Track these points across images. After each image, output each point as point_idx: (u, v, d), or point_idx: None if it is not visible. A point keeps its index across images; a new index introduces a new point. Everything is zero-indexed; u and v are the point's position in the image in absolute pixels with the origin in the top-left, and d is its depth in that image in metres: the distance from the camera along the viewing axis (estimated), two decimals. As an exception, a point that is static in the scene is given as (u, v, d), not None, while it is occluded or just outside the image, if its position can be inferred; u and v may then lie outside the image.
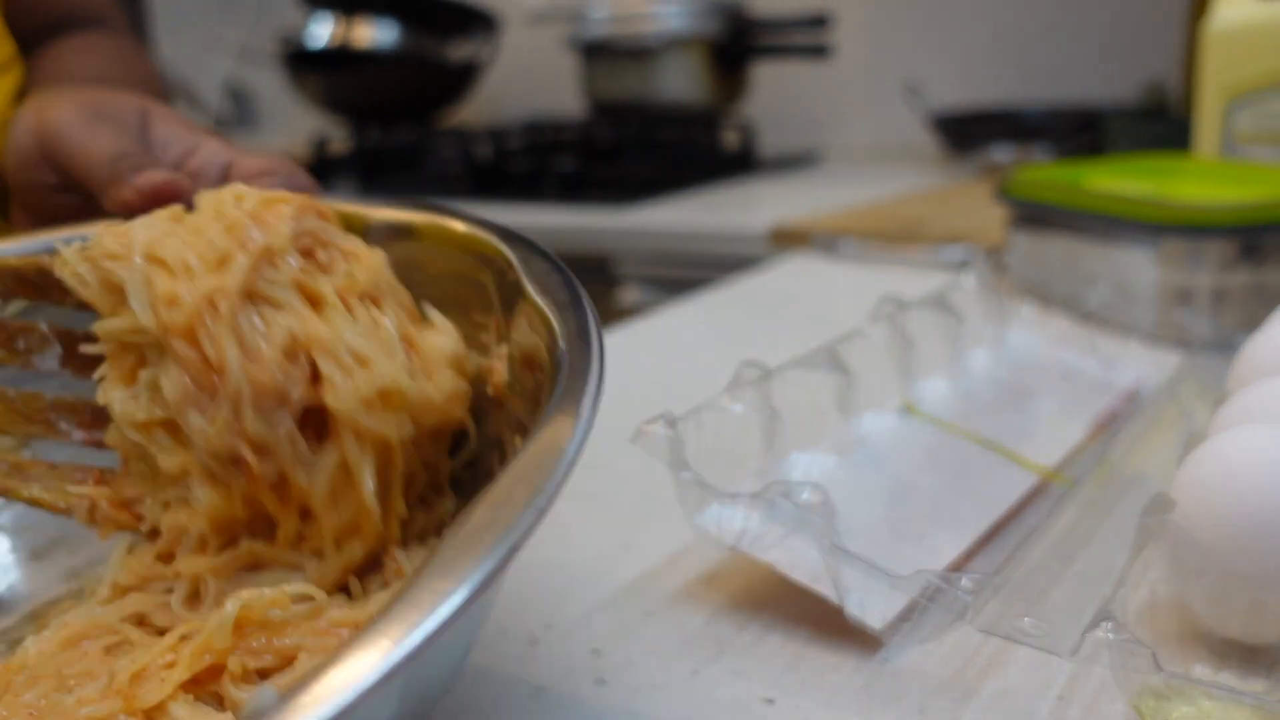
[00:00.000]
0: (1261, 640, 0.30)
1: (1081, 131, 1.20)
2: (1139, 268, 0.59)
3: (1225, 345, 0.54)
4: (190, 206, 0.33)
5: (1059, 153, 1.20)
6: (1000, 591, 0.34)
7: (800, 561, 0.33)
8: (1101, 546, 0.37)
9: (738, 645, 0.32)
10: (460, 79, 1.63)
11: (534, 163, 1.30)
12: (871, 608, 0.32)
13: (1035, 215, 0.67)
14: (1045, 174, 0.69)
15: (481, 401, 0.31)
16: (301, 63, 1.58)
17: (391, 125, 1.55)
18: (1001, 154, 1.24)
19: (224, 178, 0.40)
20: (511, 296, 0.29)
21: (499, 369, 0.30)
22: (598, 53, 1.43)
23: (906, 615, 0.32)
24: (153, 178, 0.36)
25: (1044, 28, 1.40)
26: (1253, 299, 0.57)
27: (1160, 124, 1.09)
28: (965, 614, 0.31)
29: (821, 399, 0.42)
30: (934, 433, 0.44)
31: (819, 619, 0.33)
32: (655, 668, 0.31)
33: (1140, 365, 0.52)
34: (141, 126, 0.41)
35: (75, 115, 0.40)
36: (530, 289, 0.28)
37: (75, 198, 0.42)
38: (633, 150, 1.36)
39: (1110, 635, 0.26)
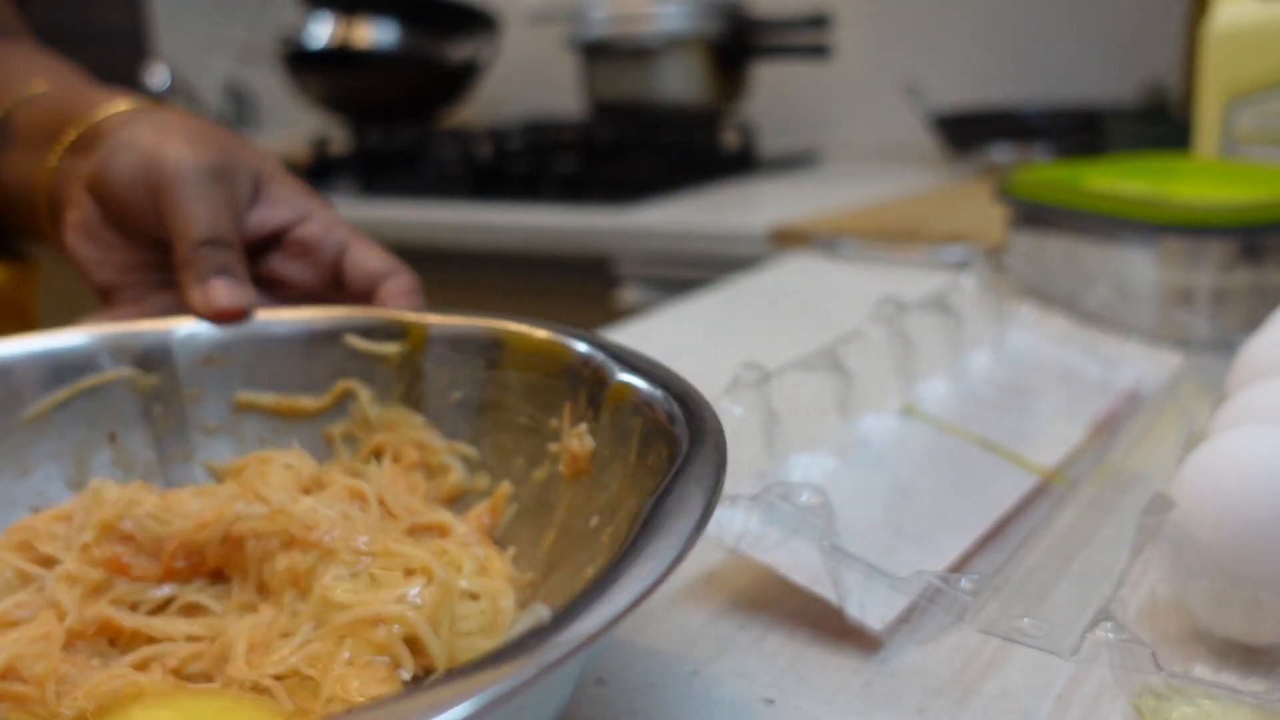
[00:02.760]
0: (1261, 640, 0.30)
1: (1081, 131, 1.20)
2: (1139, 268, 0.59)
3: (1225, 345, 0.54)
4: (246, 315, 0.37)
5: (1059, 153, 1.20)
6: (1000, 592, 0.34)
7: (800, 563, 0.33)
8: (1101, 546, 0.37)
9: (738, 645, 0.32)
10: (460, 79, 1.63)
11: (534, 163, 1.30)
12: (872, 609, 0.32)
13: (1035, 215, 0.67)
14: (1045, 174, 0.69)
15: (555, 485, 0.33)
16: (301, 63, 1.57)
17: (391, 125, 1.55)
18: (1001, 154, 1.24)
19: (338, 258, 0.41)
20: (598, 380, 0.32)
21: (574, 445, 0.32)
22: (598, 53, 1.43)
23: (907, 616, 0.32)
24: (221, 298, 0.37)
25: (1044, 28, 1.40)
26: (1253, 299, 0.57)
27: (1160, 124, 1.09)
28: (965, 614, 0.31)
29: (821, 401, 0.42)
30: (934, 434, 0.44)
31: (819, 619, 0.33)
32: (655, 668, 0.31)
33: (1140, 365, 0.52)
34: (255, 188, 0.41)
35: (193, 164, 0.39)
36: (620, 370, 0.31)
37: (146, 254, 0.41)
38: (633, 150, 1.36)
39: (1110, 635, 0.26)
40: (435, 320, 0.37)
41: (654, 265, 1.06)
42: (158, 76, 1.85)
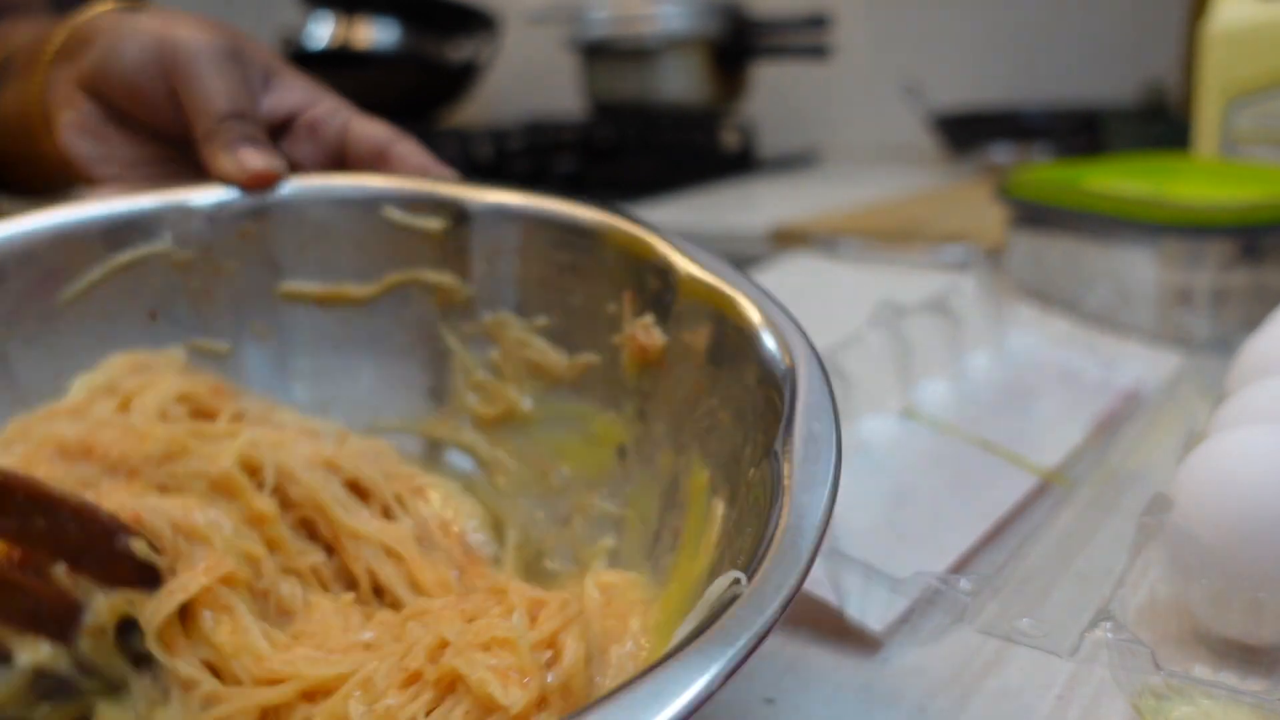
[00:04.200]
0: (1260, 640, 0.30)
1: (1081, 131, 1.20)
2: (1139, 268, 0.59)
3: (1225, 345, 0.54)
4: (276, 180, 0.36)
5: (1059, 153, 1.20)
6: (1000, 592, 0.34)
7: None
8: (1101, 546, 0.37)
9: (738, 645, 0.32)
10: (460, 79, 1.63)
11: (534, 163, 1.30)
12: (871, 610, 0.32)
13: (1035, 215, 0.67)
14: (1045, 174, 0.69)
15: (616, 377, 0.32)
16: (301, 63, 1.57)
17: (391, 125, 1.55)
18: (1001, 154, 1.24)
19: (341, 135, 0.41)
20: (663, 270, 0.31)
21: (640, 336, 0.31)
22: (598, 53, 1.43)
23: (907, 617, 0.32)
24: (255, 161, 0.37)
25: (1044, 28, 1.40)
26: (1253, 299, 0.57)
27: (1160, 124, 1.09)
28: (964, 615, 0.31)
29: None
30: (934, 436, 0.44)
31: (819, 619, 0.33)
32: (655, 668, 0.31)
33: (1140, 365, 0.52)
34: (266, 75, 0.41)
35: (209, 43, 0.39)
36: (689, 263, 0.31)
37: (151, 148, 0.40)
38: (633, 150, 1.35)
39: (1110, 635, 0.26)
40: (477, 194, 0.36)
41: (654, 265, 1.06)
42: (158, 76, 1.84)
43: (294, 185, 0.37)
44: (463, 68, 1.62)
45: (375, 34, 1.56)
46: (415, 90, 1.61)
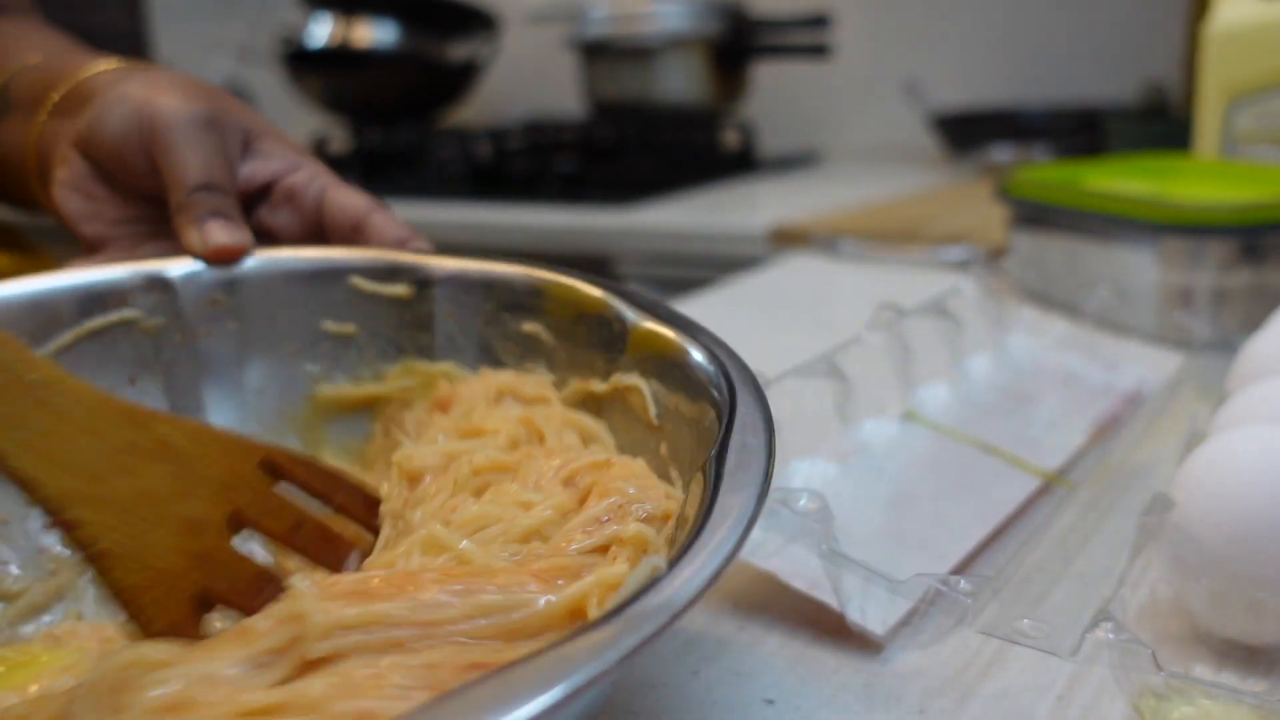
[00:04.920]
0: (1261, 640, 0.30)
1: (1081, 131, 1.20)
2: (1139, 268, 0.59)
3: (1225, 345, 0.54)
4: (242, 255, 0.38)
5: (1059, 153, 1.20)
6: (1000, 593, 0.34)
7: (801, 569, 0.33)
8: (1101, 546, 0.37)
9: (738, 645, 0.32)
10: (460, 79, 1.63)
11: (534, 163, 1.30)
12: (872, 613, 0.32)
13: (1035, 215, 0.67)
14: (1045, 174, 0.69)
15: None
16: (301, 63, 1.57)
17: (391, 125, 1.55)
18: (1001, 154, 1.24)
19: (318, 202, 0.42)
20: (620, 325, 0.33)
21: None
22: (598, 53, 1.43)
23: (907, 620, 0.32)
24: (219, 236, 0.38)
25: (1044, 28, 1.40)
26: (1253, 299, 0.57)
27: (1160, 124, 1.09)
28: (966, 617, 0.31)
29: (821, 407, 0.42)
30: (935, 439, 0.44)
31: (819, 620, 0.33)
32: (655, 668, 0.31)
33: (1141, 366, 0.52)
34: (245, 142, 0.42)
35: (187, 113, 0.39)
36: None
37: (137, 208, 0.42)
38: (633, 150, 1.35)
39: (1110, 635, 0.26)
40: (440, 262, 0.37)
41: (654, 265, 1.06)
42: (158, 76, 1.84)
43: (263, 257, 0.38)
44: (463, 68, 1.62)
45: (375, 34, 1.56)
46: (415, 90, 1.61)
